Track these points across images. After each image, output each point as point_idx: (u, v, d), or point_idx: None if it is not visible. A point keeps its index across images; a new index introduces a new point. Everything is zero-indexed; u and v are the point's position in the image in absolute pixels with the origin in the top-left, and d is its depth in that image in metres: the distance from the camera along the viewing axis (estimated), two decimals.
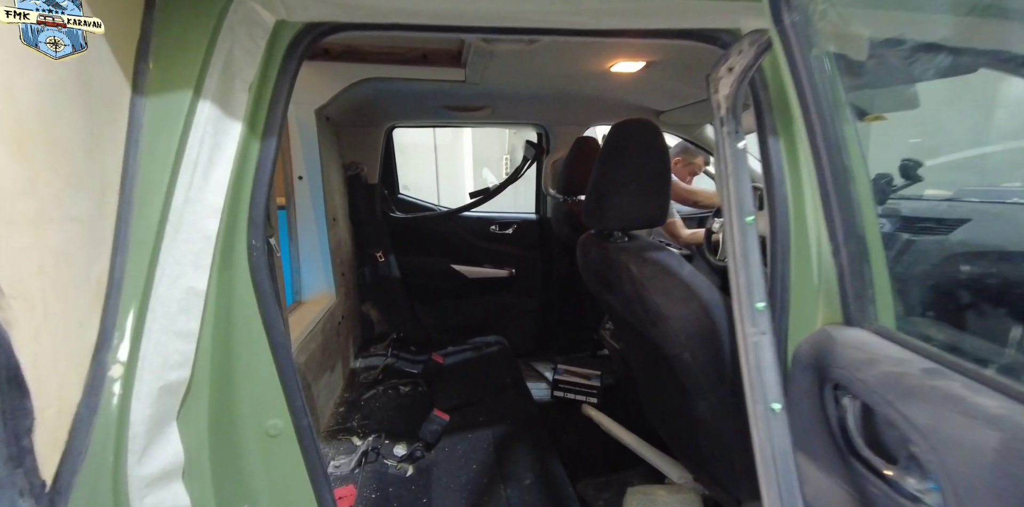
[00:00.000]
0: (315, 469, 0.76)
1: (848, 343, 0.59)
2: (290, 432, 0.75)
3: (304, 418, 0.75)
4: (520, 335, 2.65)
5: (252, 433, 0.73)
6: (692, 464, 1.23)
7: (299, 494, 0.75)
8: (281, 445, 0.74)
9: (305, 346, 1.43)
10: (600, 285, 1.26)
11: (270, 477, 0.74)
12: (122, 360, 0.57)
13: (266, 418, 0.74)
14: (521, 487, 1.23)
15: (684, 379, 1.04)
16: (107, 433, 0.56)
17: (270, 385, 0.74)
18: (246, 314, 0.71)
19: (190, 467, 0.64)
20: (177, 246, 0.62)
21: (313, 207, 1.89)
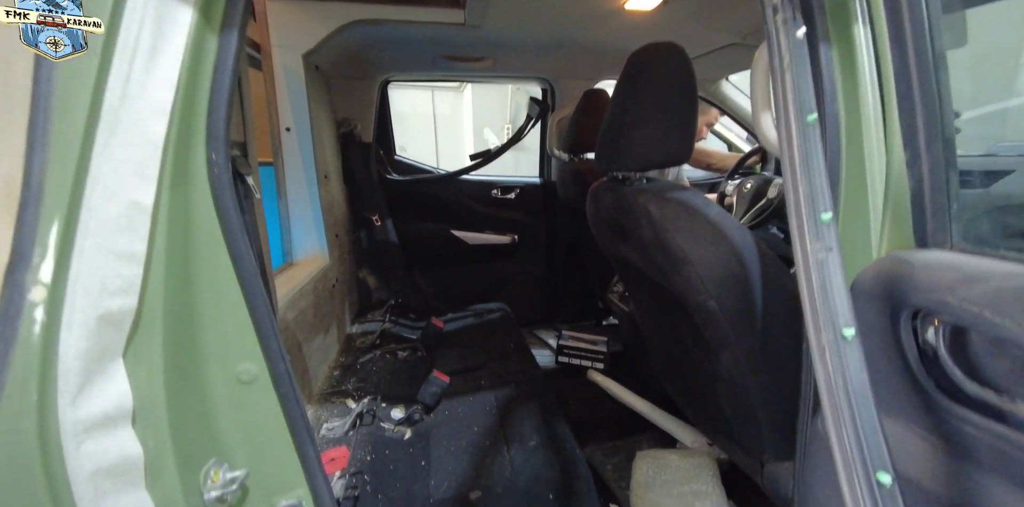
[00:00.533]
0: (296, 420, 0.66)
1: (931, 265, 0.48)
2: (265, 378, 0.65)
3: (281, 362, 0.66)
4: (523, 304, 2.56)
5: (220, 379, 0.64)
6: (709, 426, 1.15)
7: (278, 448, 0.67)
8: (255, 393, 0.65)
9: (294, 303, 1.33)
10: (613, 236, 1.15)
11: (243, 429, 0.65)
12: (45, 281, 0.47)
13: (236, 362, 0.64)
14: (525, 449, 1.16)
15: (706, 331, 0.94)
16: (29, 368, 0.46)
17: (240, 325, 0.64)
18: (208, 241, 0.61)
19: (143, 413, 0.54)
20: (113, 151, 0.51)
21: (303, 162, 1.77)
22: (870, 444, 0.39)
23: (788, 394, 0.93)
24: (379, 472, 1.13)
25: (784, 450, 0.94)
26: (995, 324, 0.38)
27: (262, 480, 0.66)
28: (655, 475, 1.22)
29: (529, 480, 1.06)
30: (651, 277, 1.07)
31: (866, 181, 0.62)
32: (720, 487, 1.13)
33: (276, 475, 0.67)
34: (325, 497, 0.69)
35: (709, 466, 1.20)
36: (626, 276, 1.32)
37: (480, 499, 1.03)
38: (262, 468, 0.66)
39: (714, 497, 1.10)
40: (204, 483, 0.59)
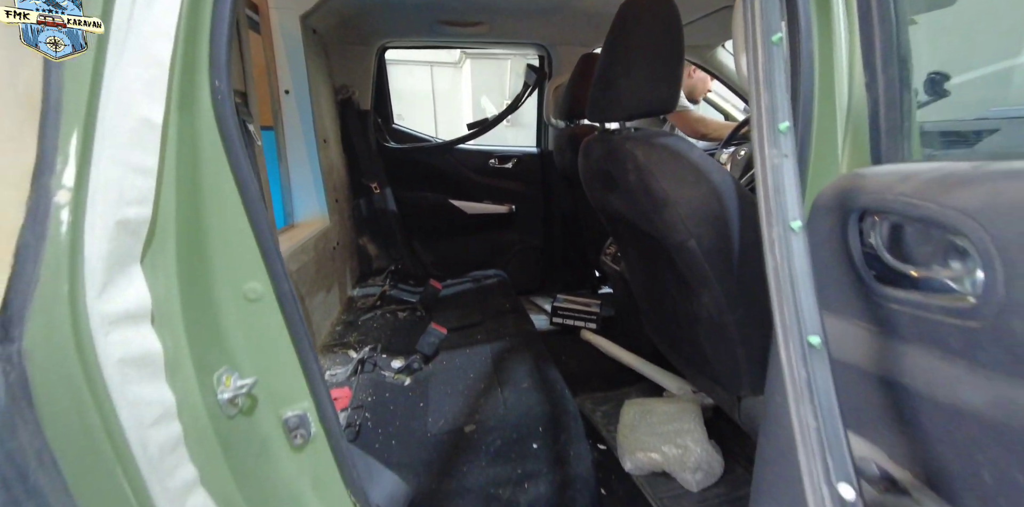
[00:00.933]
0: (299, 337, 0.72)
1: (880, 173, 0.53)
2: (270, 297, 0.70)
3: (285, 282, 0.71)
4: (521, 273, 2.61)
5: (229, 296, 0.69)
6: (692, 369, 1.21)
7: (283, 362, 0.72)
8: (261, 311, 0.70)
9: (296, 257, 1.39)
10: (602, 188, 1.19)
11: (251, 343, 0.71)
12: (68, 186, 0.52)
13: (243, 281, 0.69)
14: (519, 390, 1.22)
15: (687, 271, 0.99)
16: (59, 264, 0.51)
17: (246, 246, 0.69)
18: (214, 163, 0.65)
19: (160, 315, 0.60)
20: (123, 70, 0.55)
21: (302, 126, 1.80)
22: (805, 314, 0.44)
23: (763, 329, 0.98)
24: (379, 411, 1.20)
25: (759, 383, 1.00)
26: (919, 207, 0.42)
27: (269, 391, 0.72)
28: (641, 418, 1.29)
29: (520, 415, 1.12)
30: (637, 226, 1.12)
31: (835, 105, 0.66)
32: (702, 425, 1.20)
33: (282, 387, 0.73)
34: (328, 409, 0.75)
35: (692, 409, 1.27)
36: (616, 230, 1.37)
37: (474, 432, 1.10)
38: (269, 380, 0.72)
39: (695, 434, 1.17)
40: (217, 385, 0.65)
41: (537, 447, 1.04)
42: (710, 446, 1.15)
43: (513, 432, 1.08)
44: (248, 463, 0.69)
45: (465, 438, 1.08)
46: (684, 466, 1.11)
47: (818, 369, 0.41)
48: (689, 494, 1.11)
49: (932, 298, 0.42)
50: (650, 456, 1.15)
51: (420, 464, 1.03)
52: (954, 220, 0.38)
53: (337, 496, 0.78)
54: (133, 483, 0.53)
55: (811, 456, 0.39)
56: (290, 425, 0.73)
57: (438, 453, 1.05)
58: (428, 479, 0.98)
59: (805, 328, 0.44)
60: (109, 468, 0.54)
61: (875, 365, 0.50)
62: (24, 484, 0.49)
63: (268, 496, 0.71)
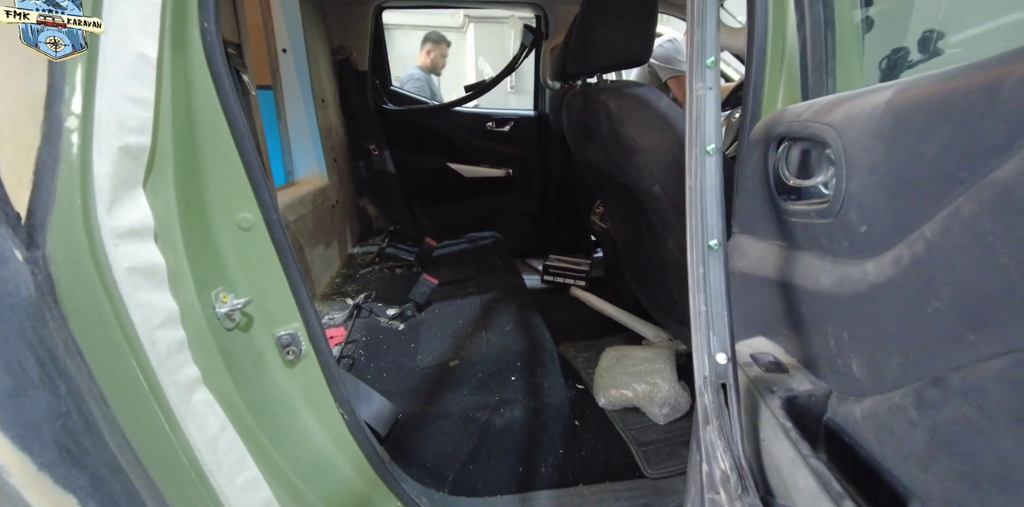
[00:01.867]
0: (288, 264, 0.80)
1: (798, 106, 0.58)
2: (261, 227, 0.78)
3: (273, 213, 0.78)
4: (517, 236, 2.68)
5: (224, 224, 0.77)
6: (663, 314, 1.29)
7: (275, 286, 0.81)
8: (253, 238, 0.78)
9: (294, 208, 1.47)
10: (582, 140, 1.24)
11: (245, 267, 0.79)
12: (76, 112, 0.59)
13: (236, 211, 0.77)
14: (502, 331, 1.32)
15: (655, 217, 1.05)
16: (72, 181, 0.59)
17: (237, 179, 0.76)
18: (206, 103, 0.72)
19: (163, 234, 0.68)
20: (119, 7, 0.61)
21: (300, 85, 1.84)
22: (709, 222, 0.50)
23: None
24: (373, 349, 1.30)
25: None
26: (808, 127, 0.48)
27: (263, 311, 0.81)
28: (617, 362, 1.38)
29: (501, 352, 1.22)
30: (613, 177, 1.17)
31: (784, 46, 0.70)
32: (672, 367, 1.29)
33: (275, 309, 0.82)
34: (317, 331, 0.84)
35: (666, 353, 1.35)
36: (599, 185, 1.42)
37: (458, 366, 1.20)
38: (263, 302, 0.81)
39: (665, 373, 1.26)
40: (215, 301, 0.74)
41: (515, 380, 1.14)
42: (678, 385, 1.24)
43: (493, 366, 1.18)
44: (246, 372, 0.79)
45: (450, 371, 1.18)
46: (652, 401, 1.20)
47: (712, 266, 0.48)
48: (655, 426, 1.21)
49: (812, 205, 0.48)
50: (622, 392, 1.24)
51: (407, 392, 1.13)
52: (824, 133, 0.44)
53: (327, 408, 0.88)
54: (146, 374, 0.63)
55: (699, 334, 0.47)
56: (282, 342, 0.82)
57: (424, 383, 1.16)
58: (414, 404, 1.09)
59: (707, 233, 0.50)
60: (125, 360, 0.63)
61: (780, 274, 0.56)
62: (56, 365, 0.58)
63: (264, 402, 0.81)
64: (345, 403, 0.89)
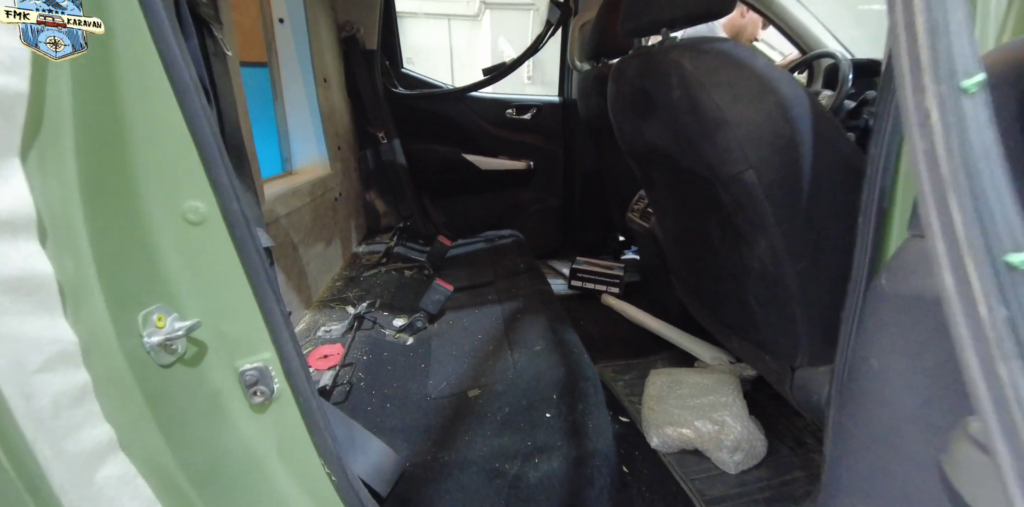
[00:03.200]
0: (255, 271, 0.57)
1: None
2: (217, 219, 0.56)
3: (233, 201, 0.56)
4: (538, 235, 2.44)
5: (163, 216, 0.54)
6: (732, 334, 1.04)
7: (237, 302, 0.58)
8: (206, 236, 0.56)
9: (287, 200, 1.24)
10: (635, 114, 1.00)
11: (195, 276, 0.56)
12: None
13: (182, 199, 0.55)
14: (531, 352, 1.08)
15: (739, 212, 0.81)
16: None
17: (182, 154, 0.53)
18: (131, 39, 0.49)
19: (55, 231, 0.45)
20: None
21: (299, 61, 1.62)
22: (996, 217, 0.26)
23: (832, 282, 0.81)
24: (375, 370, 1.07)
25: (821, 350, 0.83)
26: None
27: (220, 338, 0.59)
28: (669, 389, 1.14)
29: (531, 380, 0.98)
30: (677, 161, 0.93)
31: None
32: (741, 399, 1.04)
33: (236, 333, 0.59)
34: (294, 362, 0.61)
35: (730, 381, 1.11)
36: (648, 174, 1.18)
37: (479, 397, 0.97)
38: (220, 324, 0.58)
39: (734, 408, 1.01)
40: (144, 326, 0.51)
41: (550, 417, 0.90)
42: (751, 423, 0.99)
43: (523, 398, 0.94)
44: (191, 424, 0.57)
45: (469, 404, 0.95)
46: (720, 444, 0.96)
47: None
48: (725, 476, 0.96)
49: None
50: (680, 432, 1.00)
51: (416, 430, 0.90)
52: None
53: (308, 466, 0.65)
54: (8, 447, 0.40)
55: None
56: (247, 380, 0.60)
57: (437, 419, 0.92)
58: (424, 447, 0.86)
59: (998, 240, 0.26)
60: None
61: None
62: None
63: (218, 464, 0.59)
64: (332, 458, 0.66)
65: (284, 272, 1.20)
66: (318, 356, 1.09)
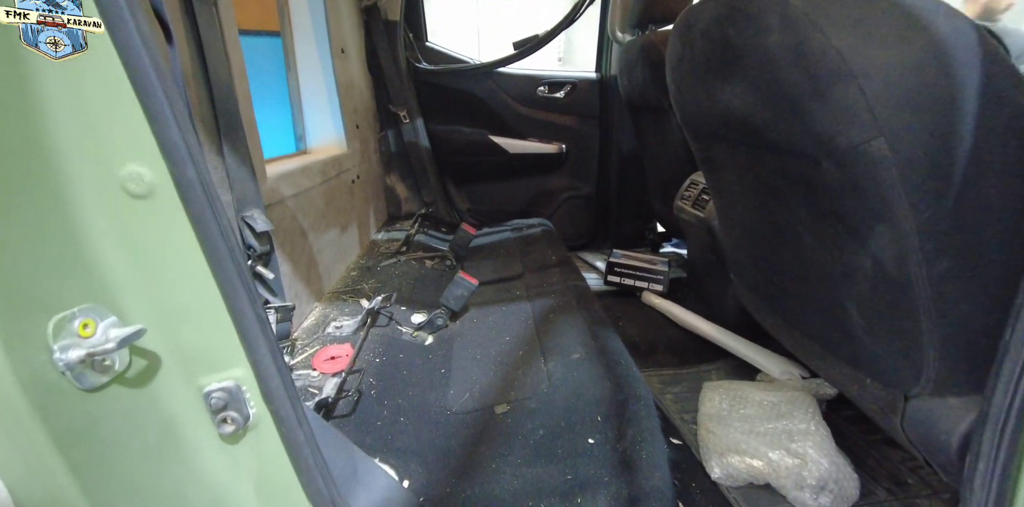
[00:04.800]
0: (220, 258, 0.43)
1: None
2: (168, 190, 0.41)
3: (190, 168, 0.41)
4: (569, 224, 2.27)
5: (91, 183, 0.40)
6: (818, 348, 0.86)
7: (197, 300, 0.44)
8: (154, 213, 0.41)
9: (294, 179, 1.11)
10: (708, 74, 0.81)
11: (140, 268, 0.42)
12: None
13: (119, 162, 0.40)
14: (568, 362, 0.92)
15: (853, 198, 0.62)
16: None
17: (117, 98, 0.39)
18: None
19: None
20: None
21: (314, 30, 1.48)
22: None
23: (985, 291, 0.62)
24: (388, 376, 0.93)
25: (955, 376, 0.64)
26: None
27: (177, 349, 0.44)
28: (731, 408, 0.96)
29: (570, 396, 0.82)
30: (760, 135, 0.74)
31: None
32: (824, 427, 0.86)
33: (199, 344, 0.45)
34: (273, 380, 0.47)
35: (806, 402, 0.93)
36: (711, 153, 0.99)
37: (508, 414, 0.81)
38: (176, 331, 0.44)
39: (817, 438, 0.83)
40: (55, 336, 0.37)
41: (594, 443, 0.74)
42: (840, 457, 0.81)
43: (560, 419, 0.78)
44: (133, 466, 0.43)
45: (496, 422, 0.80)
46: (801, 482, 0.78)
47: None
48: None
49: None
50: (749, 463, 0.83)
51: (433, 452, 0.76)
52: None
53: None
54: None
55: None
56: (213, 404, 0.46)
57: (458, 440, 0.78)
58: (441, 477, 0.71)
59: None
60: None
61: None
62: None
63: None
64: (325, 501, 0.52)
65: (290, 260, 1.07)
66: (324, 358, 0.95)
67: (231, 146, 0.78)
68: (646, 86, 1.60)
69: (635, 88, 1.70)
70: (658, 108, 1.62)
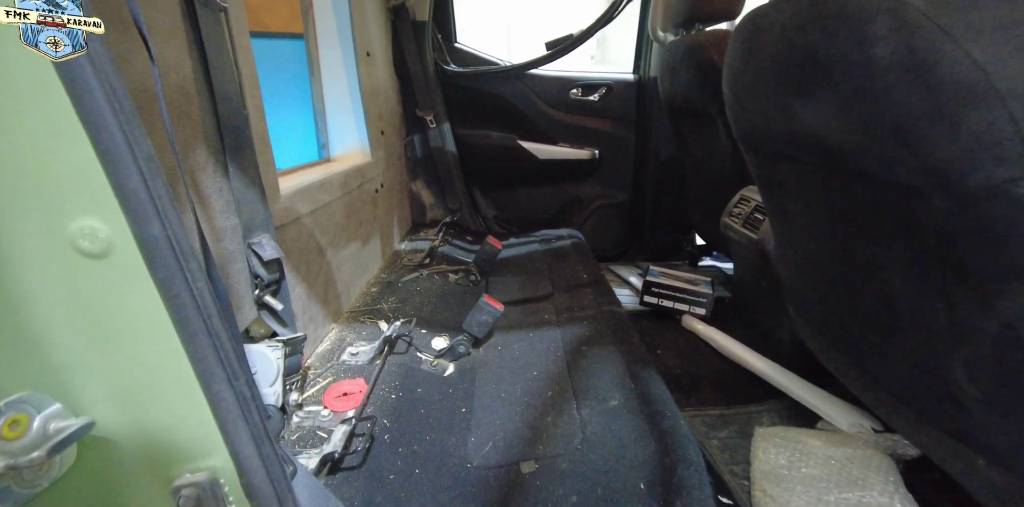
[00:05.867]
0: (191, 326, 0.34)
1: None
2: (128, 246, 0.33)
3: (153, 222, 0.32)
4: (601, 235, 2.15)
5: (36, 241, 0.32)
6: (907, 409, 0.72)
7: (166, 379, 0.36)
8: (111, 276, 0.33)
9: (311, 194, 1.03)
10: (776, 88, 0.69)
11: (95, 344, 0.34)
12: None
13: (69, 216, 0.32)
14: (604, 410, 0.81)
15: (984, 248, 0.49)
16: None
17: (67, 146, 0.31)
18: None
19: None
20: None
21: (338, 32, 1.40)
22: None
23: None
24: (404, 416, 0.85)
25: None
26: None
27: (139, 437, 0.36)
28: (790, 465, 0.84)
29: (607, 456, 0.72)
30: (842, 160, 0.62)
31: None
32: (910, 502, 0.73)
33: (166, 430, 0.37)
34: (259, 473, 0.38)
35: (883, 464, 0.80)
36: (774, 172, 0.86)
37: (536, 475, 0.71)
38: (138, 417, 0.36)
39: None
40: None
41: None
42: None
43: (596, 485, 0.68)
44: None
45: (522, 483, 0.70)
46: None
47: None
48: None
49: None
50: None
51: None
52: None
53: None
54: None
55: None
56: (182, 503, 0.37)
57: (478, 503, 0.68)
58: None
59: None
60: None
61: None
62: None
63: None
64: None
65: (305, 282, 1.00)
66: (336, 394, 0.88)
67: (238, 166, 0.71)
68: (690, 89, 1.47)
69: (678, 91, 1.57)
70: (703, 113, 1.49)
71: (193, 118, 0.64)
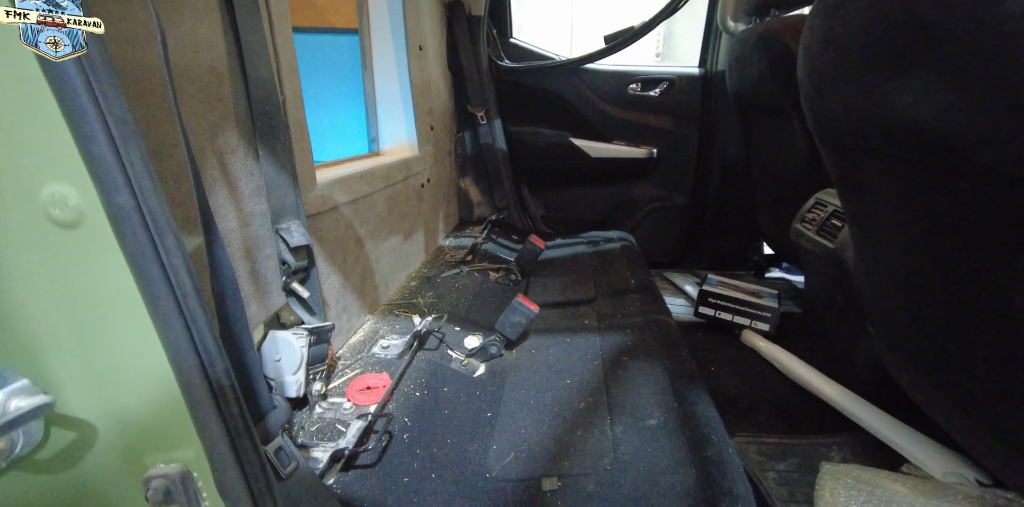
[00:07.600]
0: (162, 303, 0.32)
1: None
2: (98, 218, 0.30)
3: (122, 190, 0.30)
4: (655, 239, 2.03)
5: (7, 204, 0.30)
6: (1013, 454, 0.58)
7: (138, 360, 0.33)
8: (83, 247, 0.31)
9: (351, 185, 1.03)
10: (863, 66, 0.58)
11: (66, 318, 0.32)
12: None
13: (39, 181, 0.30)
14: (640, 429, 0.73)
15: None
16: None
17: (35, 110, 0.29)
18: None
19: None
20: None
21: (391, 26, 1.41)
22: None
23: None
24: (426, 415, 0.81)
25: None
26: None
27: (109, 421, 0.34)
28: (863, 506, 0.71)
29: (641, 481, 0.64)
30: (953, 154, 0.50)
31: None
32: None
33: (136, 415, 0.34)
34: (232, 470, 0.35)
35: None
36: (856, 170, 0.73)
37: (556, 494, 0.65)
38: (110, 396, 0.34)
39: None
40: None
41: None
42: None
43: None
44: None
45: (541, 501, 0.64)
46: None
47: None
48: None
49: None
50: None
51: None
52: None
53: None
54: None
55: None
56: (152, 494, 0.35)
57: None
58: None
59: None
60: None
61: None
62: None
63: None
64: None
65: (341, 272, 0.99)
66: (360, 386, 0.85)
67: (269, 150, 0.70)
68: (762, 82, 1.34)
69: (748, 85, 1.43)
70: (776, 109, 1.35)
71: (224, 100, 0.64)
